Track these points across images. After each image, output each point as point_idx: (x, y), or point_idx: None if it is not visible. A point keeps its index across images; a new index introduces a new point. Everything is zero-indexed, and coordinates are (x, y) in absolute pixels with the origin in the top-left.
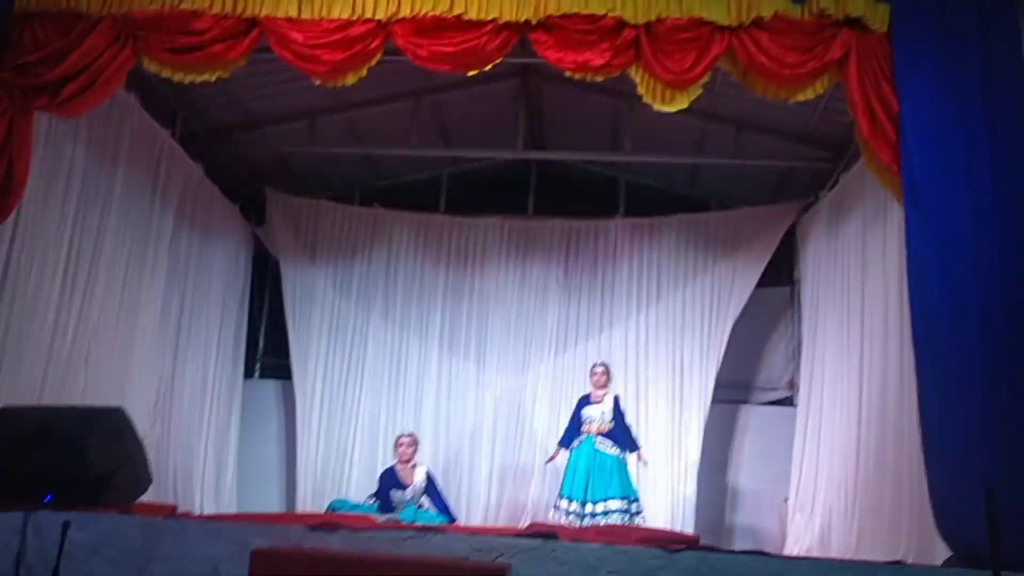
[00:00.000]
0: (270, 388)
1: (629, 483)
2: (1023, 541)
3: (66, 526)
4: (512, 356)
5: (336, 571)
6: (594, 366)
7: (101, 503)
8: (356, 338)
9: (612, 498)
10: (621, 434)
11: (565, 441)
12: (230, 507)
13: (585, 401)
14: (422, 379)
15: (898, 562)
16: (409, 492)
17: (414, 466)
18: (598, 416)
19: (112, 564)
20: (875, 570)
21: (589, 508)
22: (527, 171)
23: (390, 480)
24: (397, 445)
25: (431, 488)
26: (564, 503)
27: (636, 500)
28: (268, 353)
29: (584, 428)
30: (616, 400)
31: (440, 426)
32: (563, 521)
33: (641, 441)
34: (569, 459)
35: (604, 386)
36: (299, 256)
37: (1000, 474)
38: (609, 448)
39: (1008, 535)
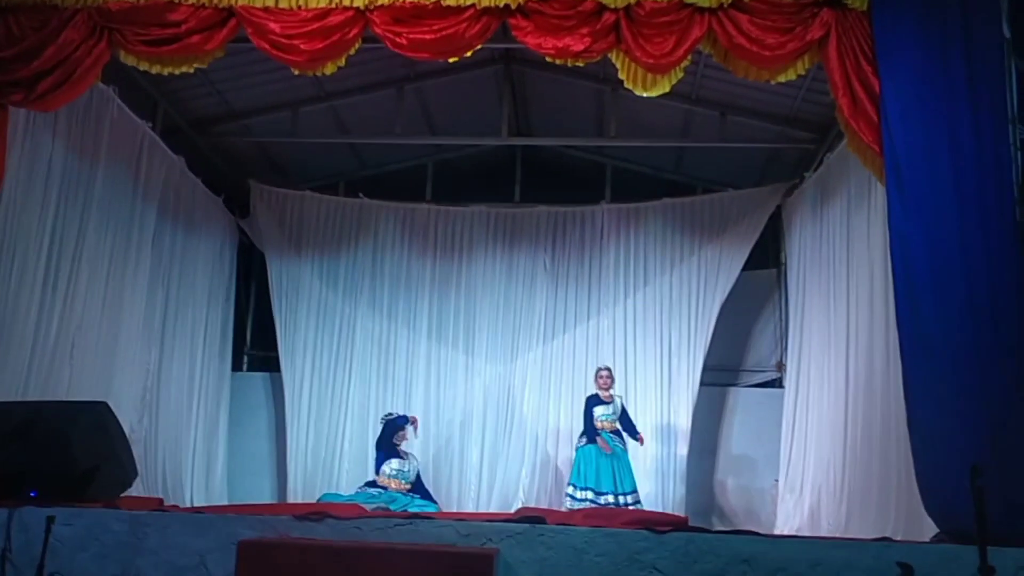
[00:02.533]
0: (259, 381)
1: (633, 476)
2: (1008, 517)
3: (51, 521)
4: (500, 344)
5: (324, 561)
6: (599, 370)
7: (86, 498)
8: (344, 329)
9: (631, 492)
10: (628, 426)
11: (591, 436)
12: (221, 500)
13: (596, 401)
14: (411, 369)
15: (885, 538)
16: (409, 463)
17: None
18: (609, 415)
19: (98, 559)
20: (862, 547)
21: (621, 499)
22: (512, 158)
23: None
24: (404, 428)
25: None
26: (580, 492)
27: (636, 491)
28: (256, 346)
29: (597, 425)
30: (622, 402)
31: (430, 415)
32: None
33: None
34: (580, 453)
35: (610, 387)
36: (284, 248)
37: (985, 451)
38: (620, 444)
39: (993, 511)
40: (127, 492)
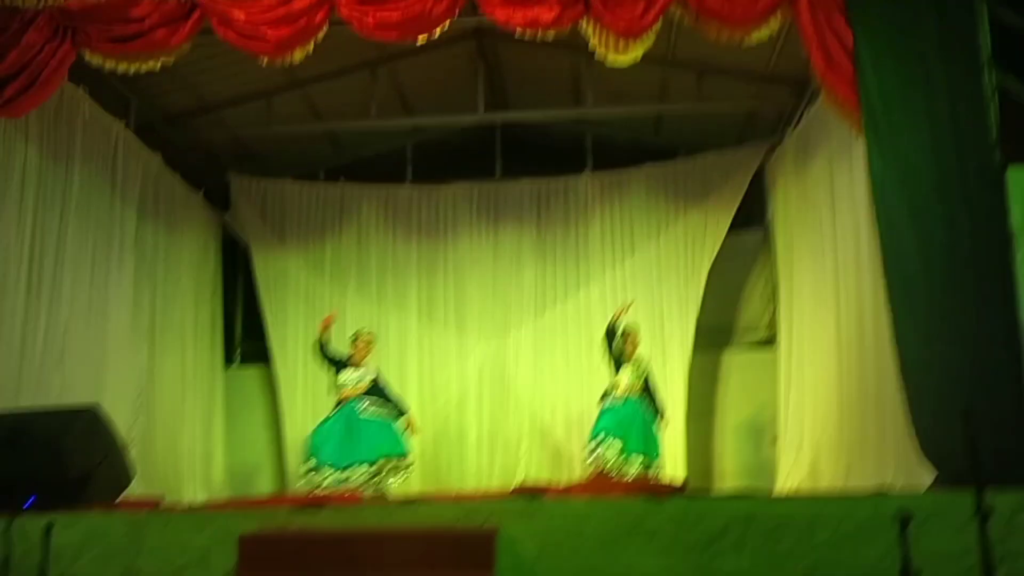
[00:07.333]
0: (253, 374)
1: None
2: (1003, 458)
3: (49, 528)
4: (492, 321)
5: (325, 549)
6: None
7: (84, 502)
8: None
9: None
10: (651, 397)
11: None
12: (221, 495)
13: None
14: (403, 352)
15: (882, 489)
16: (362, 372)
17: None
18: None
19: (99, 562)
20: (857, 501)
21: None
22: (492, 134)
23: (344, 363)
24: (360, 343)
25: (377, 388)
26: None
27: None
28: (248, 339)
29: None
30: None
31: (426, 397)
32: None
33: None
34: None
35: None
36: (268, 239)
37: (976, 395)
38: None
39: (987, 454)
40: (126, 493)
